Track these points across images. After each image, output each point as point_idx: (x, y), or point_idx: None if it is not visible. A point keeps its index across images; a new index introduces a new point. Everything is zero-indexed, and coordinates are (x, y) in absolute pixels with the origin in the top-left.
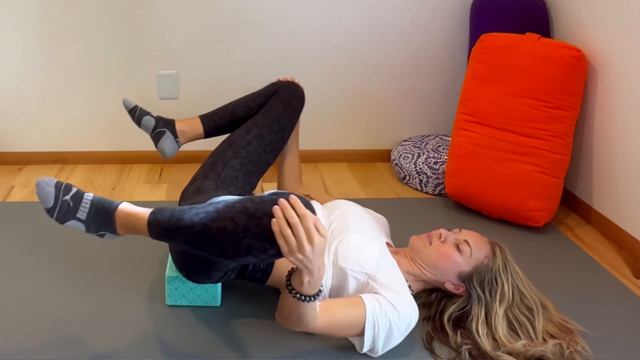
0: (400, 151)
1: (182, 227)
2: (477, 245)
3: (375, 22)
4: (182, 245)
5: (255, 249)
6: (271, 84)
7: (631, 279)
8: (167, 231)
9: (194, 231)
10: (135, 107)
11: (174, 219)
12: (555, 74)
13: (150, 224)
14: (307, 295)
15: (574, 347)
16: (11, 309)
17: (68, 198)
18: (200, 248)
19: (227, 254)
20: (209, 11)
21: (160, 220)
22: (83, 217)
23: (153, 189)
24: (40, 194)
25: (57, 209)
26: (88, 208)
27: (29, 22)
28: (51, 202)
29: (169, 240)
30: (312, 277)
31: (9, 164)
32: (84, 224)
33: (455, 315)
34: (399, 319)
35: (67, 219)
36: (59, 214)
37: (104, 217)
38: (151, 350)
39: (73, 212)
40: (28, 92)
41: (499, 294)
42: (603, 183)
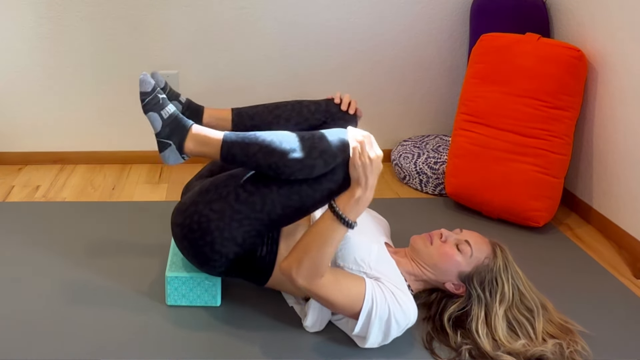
0: (400, 151)
1: (259, 136)
2: (478, 246)
3: (375, 22)
4: (255, 154)
5: (328, 153)
6: (324, 103)
7: (631, 279)
8: (242, 141)
9: (271, 136)
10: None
11: (251, 132)
12: (555, 74)
13: (226, 135)
14: (348, 218)
15: (574, 347)
16: (11, 309)
17: (161, 96)
18: (273, 154)
19: (299, 154)
20: (209, 11)
21: (238, 133)
22: (165, 116)
23: (153, 189)
24: (144, 80)
25: (150, 96)
26: (171, 112)
27: (29, 22)
28: (149, 88)
29: (241, 153)
30: (364, 193)
31: (9, 164)
32: (162, 122)
33: (455, 315)
34: (399, 311)
35: (153, 110)
36: (150, 101)
37: (180, 126)
38: (151, 350)
39: (160, 107)
40: (28, 92)
41: (499, 294)
42: (603, 183)
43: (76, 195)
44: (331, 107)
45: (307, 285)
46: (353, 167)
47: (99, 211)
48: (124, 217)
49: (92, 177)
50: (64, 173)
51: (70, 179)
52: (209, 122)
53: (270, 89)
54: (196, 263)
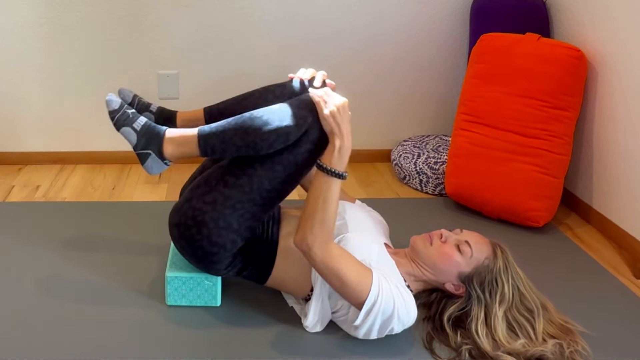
0: (400, 151)
1: (230, 121)
2: (478, 246)
3: (375, 22)
4: (231, 139)
5: (298, 116)
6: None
7: (631, 279)
8: (216, 130)
9: (242, 118)
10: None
11: (221, 121)
12: (555, 74)
13: (201, 130)
14: (336, 170)
15: (574, 347)
16: (11, 309)
17: (129, 111)
18: (248, 133)
19: (272, 125)
20: (209, 11)
21: (210, 125)
22: (137, 128)
23: (153, 189)
24: (109, 99)
25: (119, 113)
26: (142, 123)
27: (29, 22)
28: (116, 106)
29: (219, 142)
30: (342, 142)
31: (9, 164)
32: (137, 134)
33: (454, 316)
34: (402, 306)
35: (125, 125)
36: (119, 119)
37: (154, 134)
38: (151, 350)
39: (131, 121)
40: (28, 92)
41: (499, 295)
42: (603, 183)
43: (76, 195)
44: (295, 85)
45: (322, 255)
46: (324, 120)
47: (99, 211)
48: (124, 217)
49: (92, 177)
50: (64, 173)
51: (70, 179)
52: (183, 125)
53: None
54: (195, 261)
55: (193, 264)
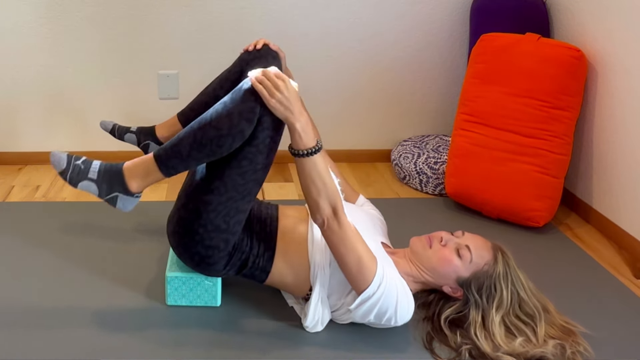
0: (400, 151)
1: (183, 137)
2: (478, 251)
3: (375, 21)
4: (189, 153)
5: (244, 111)
6: (237, 59)
7: (631, 279)
8: (172, 148)
9: (193, 130)
10: (114, 127)
11: (174, 139)
12: (555, 74)
13: (156, 154)
14: (310, 148)
15: (575, 347)
16: (11, 308)
17: (79, 162)
18: (203, 142)
19: (224, 129)
20: (209, 11)
21: (163, 146)
22: (94, 177)
23: (153, 188)
24: (54, 159)
25: (69, 171)
26: (97, 169)
27: (29, 22)
28: (64, 165)
29: (177, 158)
30: (301, 122)
31: (9, 164)
32: (96, 183)
33: (452, 317)
34: (403, 295)
35: (80, 180)
36: (71, 176)
37: (113, 174)
38: (151, 350)
39: (85, 173)
40: (28, 92)
41: (497, 300)
42: (603, 183)
43: (76, 195)
44: (243, 56)
45: (339, 226)
46: (273, 109)
47: (99, 211)
48: (124, 217)
49: None
50: None
51: None
52: (162, 132)
53: None
54: (194, 265)
55: (192, 268)
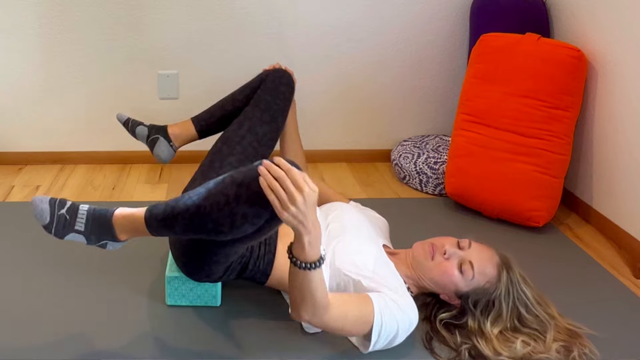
0: (400, 151)
1: (178, 213)
2: (482, 269)
3: (375, 22)
4: (181, 232)
5: (250, 215)
6: (258, 75)
7: (631, 279)
8: (165, 222)
9: (190, 214)
10: (128, 120)
11: (169, 208)
12: (555, 74)
13: (147, 219)
14: (311, 262)
15: (581, 350)
16: (11, 308)
17: (64, 212)
18: (198, 230)
19: (225, 227)
20: (209, 11)
21: (156, 213)
22: (81, 229)
23: (153, 189)
24: (36, 212)
25: (54, 224)
26: (85, 219)
27: (29, 22)
28: (47, 218)
29: (169, 232)
30: (310, 235)
31: (9, 164)
32: (84, 235)
33: (446, 321)
34: (403, 320)
35: (66, 233)
36: (57, 229)
37: (102, 225)
38: (151, 350)
39: (71, 225)
40: (28, 92)
41: (494, 315)
42: (603, 183)
43: (76, 195)
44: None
45: (321, 324)
46: (285, 221)
47: None
48: None
49: (92, 177)
50: (64, 173)
51: (70, 179)
52: (174, 130)
53: None
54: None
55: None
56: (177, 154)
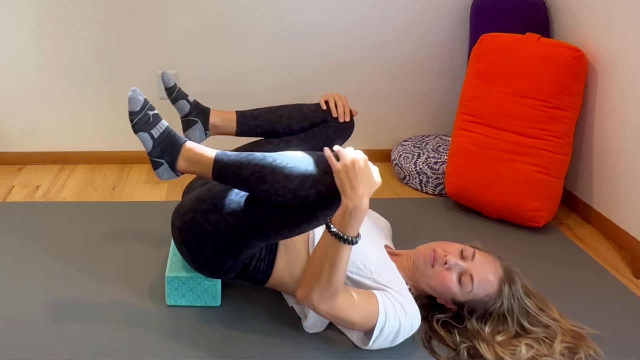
0: (400, 151)
1: (250, 160)
2: (482, 284)
3: (375, 22)
4: (246, 180)
5: (320, 183)
6: (322, 110)
7: (631, 279)
8: (233, 166)
9: (262, 164)
10: (175, 86)
11: (243, 155)
12: (555, 74)
13: (217, 159)
14: (346, 235)
15: (587, 351)
16: (10, 308)
17: (151, 113)
18: (265, 182)
19: (292, 185)
20: (209, 11)
21: (229, 157)
22: (156, 135)
23: (153, 189)
24: (133, 98)
25: (139, 116)
26: (162, 130)
27: (29, 22)
28: (138, 107)
29: (233, 178)
30: (355, 204)
31: (9, 164)
32: (153, 141)
33: (444, 320)
34: (407, 322)
35: (143, 130)
36: (139, 121)
37: (171, 144)
38: (151, 350)
39: (150, 126)
40: (28, 92)
41: (492, 324)
42: (603, 183)
43: (76, 195)
44: (328, 117)
45: (328, 309)
46: (336, 175)
47: (99, 211)
48: (124, 217)
49: (92, 177)
50: (64, 173)
51: (70, 179)
52: (215, 121)
53: (270, 89)
54: (195, 267)
55: (191, 267)
56: None
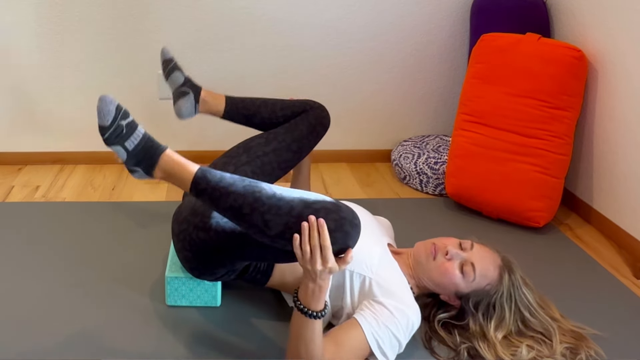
0: (401, 151)
1: (230, 192)
2: (484, 271)
3: (375, 22)
4: (223, 210)
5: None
6: (303, 100)
7: (631, 279)
8: (211, 190)
9: (242, 199)
10: (172, 59)
11: (224, 182)
12: (556, 74)
13: (198, 178)
14: (311, 311)
15: (587, 352)
16: (11, 309)
17: (124, 124)
18: (243, 219)
19: (271, 231)
20: (209, 11)
21: (210, 179)
22: (130, 148)
23: (153, 189)
24: (102, 110)
25: (111, 130)
26: (137, 141)
27: (29, 22)
28: (109, 120)
29: (210, 203)
30: (315, 285)
31: (9, 164)
32: (127, 154)
33: (444, 321)
34: (399, 326)
35: (115, 143)
36: (110, 136)
37: (148, 155)
38: (151, 350)
39: (123, 139)
40: (28, 92)
41: (496, 319)
42: (603, 183)
43: (76, 195)
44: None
45: None
46: (297, 254)
47: (99, 211)
48: (124, 217)
49: (92, 177)
50: (64, 173)
51: (70, 179)
52: (206, 97)
53: (270, 89)
54: (192, 274)
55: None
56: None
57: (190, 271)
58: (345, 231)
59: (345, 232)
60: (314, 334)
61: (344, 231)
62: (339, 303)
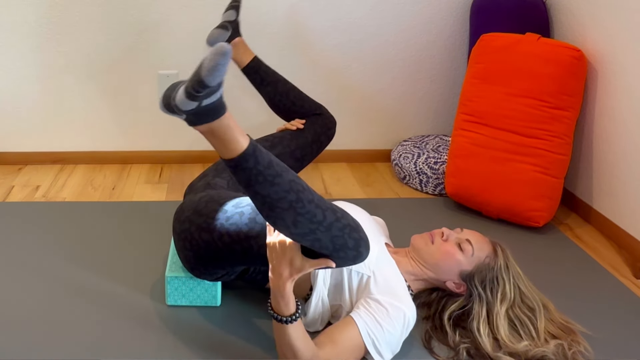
0: (400, 151)
1: (276, 184)
2: (479, 245)
3: (375, 22)
4: (255, 193)
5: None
6: (319, 104)
7: (631, 279)
8: (258, 175)
9: (284, 198)
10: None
11: (272, 170)
12: (555, 74)
13: (247, 155)
14: (278, 315)
15: (576, 347)
16: (11, 309)
17: (220, 91)
18: (273, 208)
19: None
20: (209, 11)
21: (259, 160)
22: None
23: (153, 189)
24: (218, 66)
25: (206, 91)
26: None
27: (29, 22)
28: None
29: (246, 180)
30: (278, 292)
31: (9, 164)
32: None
33: (455, 314)
34: (395, 324)
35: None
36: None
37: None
38: (151, 350)
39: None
40: (28, 92)
41: (500, 293)
42: (603, 183)
43: (76, 195)
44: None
45: None
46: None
47: (99, 211)
48: (124, 217)
49: (92, 177)
50: (64, 173)
51: (70, 179)
52: (238, 43)
53: None
54: (192, 274)
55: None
56: (177, 154)
57: (190, 271)
58: (360, 252)
59: (359, 252)
60: (292, 338)
61: (358, 251)
62: (337, 302)
